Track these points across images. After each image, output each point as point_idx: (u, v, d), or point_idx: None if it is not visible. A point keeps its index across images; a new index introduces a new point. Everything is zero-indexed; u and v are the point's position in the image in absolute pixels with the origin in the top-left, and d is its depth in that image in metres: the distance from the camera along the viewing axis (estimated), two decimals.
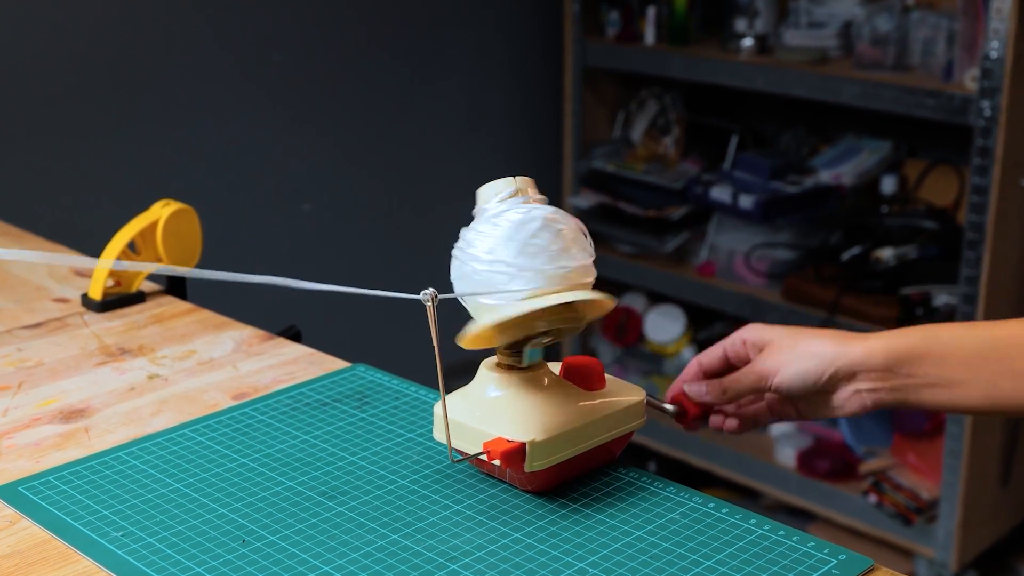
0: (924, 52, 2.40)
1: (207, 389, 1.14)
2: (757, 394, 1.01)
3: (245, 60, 2.46)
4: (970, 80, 2.25)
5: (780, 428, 2.73)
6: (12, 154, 2.15)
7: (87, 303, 1.33)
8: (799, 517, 2.69)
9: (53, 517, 0.91)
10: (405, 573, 0.83)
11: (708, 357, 1.02)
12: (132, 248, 1.33)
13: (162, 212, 1.34)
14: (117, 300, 1.33)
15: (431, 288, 0.86)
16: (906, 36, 2.43)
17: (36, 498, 0.94)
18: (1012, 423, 2.48)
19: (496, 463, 0.88)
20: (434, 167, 2.86)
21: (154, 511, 0.91)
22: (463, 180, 2.89)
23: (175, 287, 1.40)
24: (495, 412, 0.90)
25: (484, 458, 0.89)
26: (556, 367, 0.96)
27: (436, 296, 0.86)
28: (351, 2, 2.61)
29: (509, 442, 0.88)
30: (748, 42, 2.64)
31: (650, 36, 2.79)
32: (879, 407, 0.96)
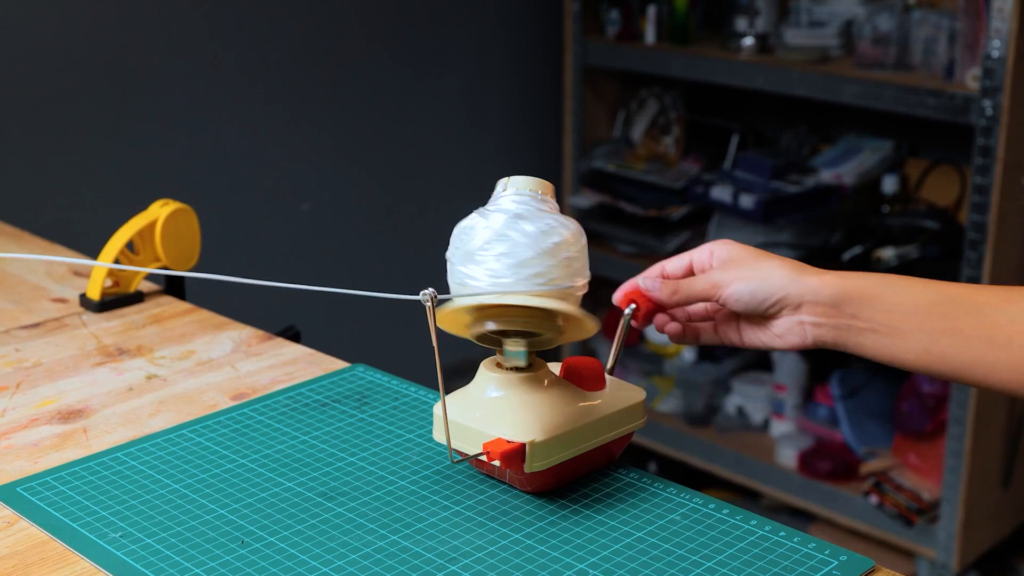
0: (925, 51, 2.39)
1: (206, 389, 1.14)
2: (706, 302, 1.00)
3: (244, 60, 2.45)
4: (971, 79, 2.25)
5: (781, 429, 2.73)
6: (11, 154, 2.15)
7: (85, 303, 1.33)
8: (800, 518, 2.69)
9: (51, 518, 0.90)
10: (405, 574, 0.82)
11: (673, 264, 1.01)
12: (131, 248, 1.33)
13: (160, 212, 1.34)
14: (115, 300, 1.33)
15: (430, 288, 0.86)
16: (907, 35, 2.42)
17: (34, 499, 0.93)
18: (1013, 424, 2.48)
19: (496, 464, 0.87)
20: (433, 166, 2.86)
21: (153, 512, 0.91)
22: (462, 179, 2.89)
23: (174, 287, 1.40)
24: (495, 412, 0.90)
25: (484, 459, 0.88)
26: (556, 367, 0.96)
27: (435, 296, 0.85)
28: (350, 1, 2.61)
29: (509, 443, 0.87)
30: (749, 41, 2.64)
31: (650, 35, 2.79)
32: (818, 345, 0.95)
